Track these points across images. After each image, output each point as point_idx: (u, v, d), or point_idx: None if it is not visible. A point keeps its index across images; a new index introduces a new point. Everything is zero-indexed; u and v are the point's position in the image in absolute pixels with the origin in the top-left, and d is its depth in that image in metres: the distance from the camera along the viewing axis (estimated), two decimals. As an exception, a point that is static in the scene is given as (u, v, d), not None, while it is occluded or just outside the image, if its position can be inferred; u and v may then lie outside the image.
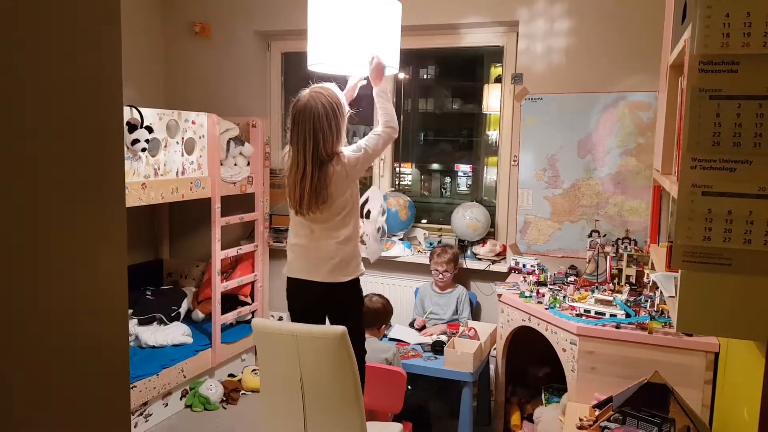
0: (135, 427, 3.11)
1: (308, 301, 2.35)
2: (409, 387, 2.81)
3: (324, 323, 2.36)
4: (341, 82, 2.41)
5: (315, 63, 2.44)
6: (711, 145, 1.19)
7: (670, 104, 2.00)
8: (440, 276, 3.42)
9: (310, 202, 2.19)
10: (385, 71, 2.40)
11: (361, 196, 2.69)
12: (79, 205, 0.62)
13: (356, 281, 2.35)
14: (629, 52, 3.15)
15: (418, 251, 3.76)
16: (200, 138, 3.34)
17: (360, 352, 2.35)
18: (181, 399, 3.44)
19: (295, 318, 2.39)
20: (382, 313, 3.00)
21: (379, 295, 3.08)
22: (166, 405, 3.33)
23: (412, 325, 3.45)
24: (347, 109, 2.28)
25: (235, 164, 3.64)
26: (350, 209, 2.30)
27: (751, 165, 1.17)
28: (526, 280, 3.15)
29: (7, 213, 0.54)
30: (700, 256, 1.21)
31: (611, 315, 2.53)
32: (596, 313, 2.56)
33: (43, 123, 0.58)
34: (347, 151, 2.25)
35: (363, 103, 2.36)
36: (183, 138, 3.21)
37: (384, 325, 3.07)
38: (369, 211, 3.55)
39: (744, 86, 1.16)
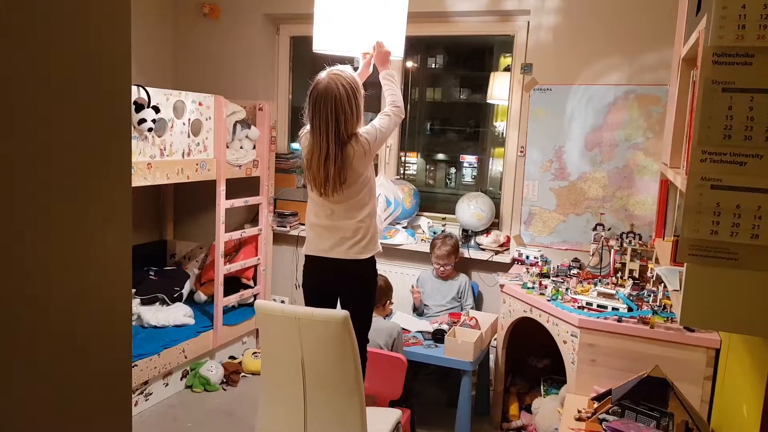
0: (135, 405, 3.14)
1: (325, 278, 2.39)
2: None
3: (335, 306, 2.39)
4: (347, 62, 2.43)
5: (320, 47, 2.43)
6: (722, 138, 1.18)
7: (681, 97, 1.99)
8: (441, 269, 3.44)
9: (335, 183, 2.24)
10: (390, 57, 2.42)
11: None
12: (86, 183, 0.62)
13: (373, 261, 2.39)
14: (641, 44, 3.12)
15: (422, 240, 3.75)
16: (207, 120, 3.33)
17: (363, 338, 2.36)
18: (181, 379, 3.46)
19: (308, 296, 2.43)
20: (385, 289, 3.06)
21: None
22: (167, 385, 3.35)
23: (415, 311, 3.47)
24: (363, 91, 2.31)
25: (241, 147, 3.64)
26: (369, 188, 2.35)
27: (762, 159, 1.15)
28: (529, 272, 3.14)
29: (14, 191, 0.54)
30: (706, 250, 1.20)
31: (613, 308, 2.52)
32: (598, 306, 2.56)
33: (51, 101, 0.57)
34: (362, 131, 2.29)
35: (368, 90, 2.38)
36: (189, 119, 3.21)
37: (388, 301, 3.11)
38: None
39: (758, 79, 1.15)
